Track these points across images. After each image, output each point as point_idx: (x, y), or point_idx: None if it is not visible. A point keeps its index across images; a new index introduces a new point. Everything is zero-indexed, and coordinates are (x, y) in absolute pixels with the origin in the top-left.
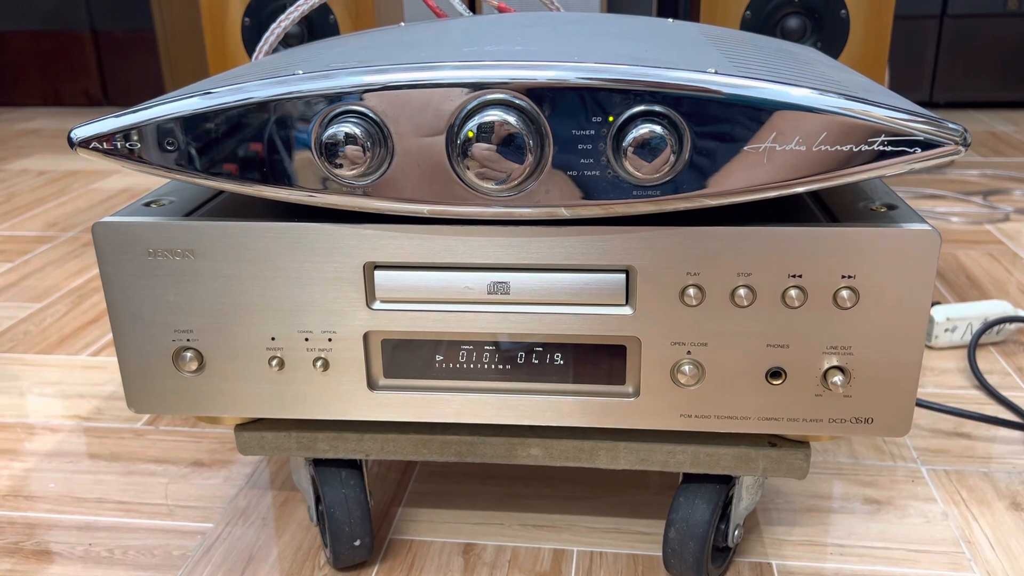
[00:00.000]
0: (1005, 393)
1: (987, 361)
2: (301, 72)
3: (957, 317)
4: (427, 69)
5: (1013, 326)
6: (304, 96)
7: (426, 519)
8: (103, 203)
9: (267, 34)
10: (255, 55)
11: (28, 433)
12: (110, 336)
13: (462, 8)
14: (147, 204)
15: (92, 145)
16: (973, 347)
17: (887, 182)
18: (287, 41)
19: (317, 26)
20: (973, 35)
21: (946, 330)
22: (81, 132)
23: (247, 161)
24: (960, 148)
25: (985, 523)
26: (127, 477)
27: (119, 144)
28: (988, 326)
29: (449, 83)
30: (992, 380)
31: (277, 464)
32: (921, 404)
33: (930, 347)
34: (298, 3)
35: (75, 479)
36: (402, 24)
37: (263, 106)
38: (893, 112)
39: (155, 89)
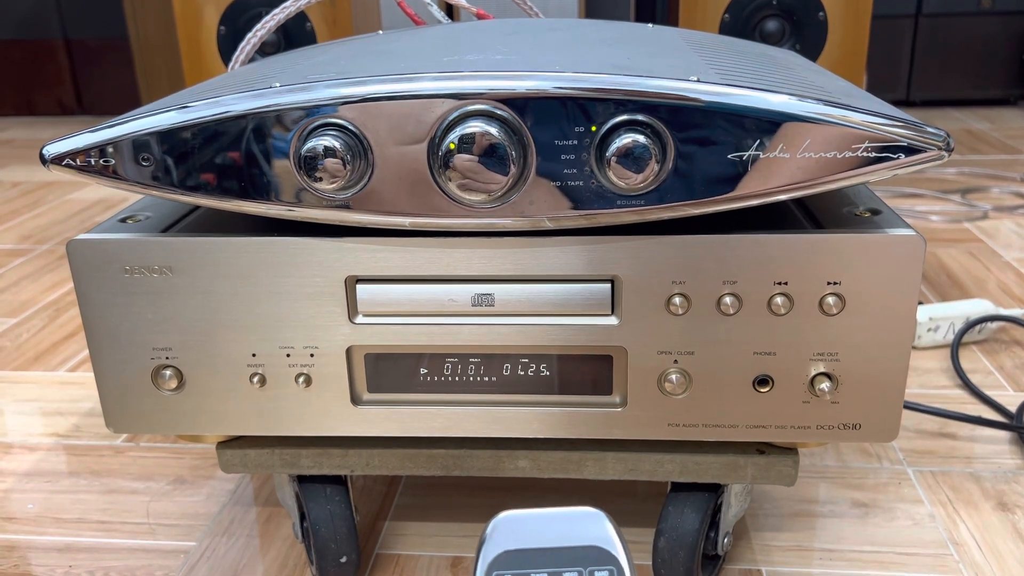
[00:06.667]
0: (988, 392)
1: (970, 360)
2: (279, 84)
3: (939, 317)
4: (407, 80)
5: (995, 325)
6: (282, 109)
7: (413, 532)
8: (79, 214)
9: (243, 43)
10: (231, 64)
11: (5, 452)
12: (88, 351)
13: (440, 15)
14: (123, 220)
15: (65, 162)
16: (956, 346)
17: (871, 185)
18: (263, 49)
19: (294, 34)
20: (948, 34)
21: (929, 330)
22: (54, 148)
23: (225, 176)
24: (943, 153)
25: (972, 524)
26: (107, 495)
27: (93, 160)
28: (970, 325)
29: (430, 94)
30: (975, 379)
31: (261, 479)
32: (906, 405)
33: (913, 347)
34: (274, 11)
35: (54, 499)
36: (380, 32)
37: (241, 120)
38: (876, 118)
39: (130, 97)
